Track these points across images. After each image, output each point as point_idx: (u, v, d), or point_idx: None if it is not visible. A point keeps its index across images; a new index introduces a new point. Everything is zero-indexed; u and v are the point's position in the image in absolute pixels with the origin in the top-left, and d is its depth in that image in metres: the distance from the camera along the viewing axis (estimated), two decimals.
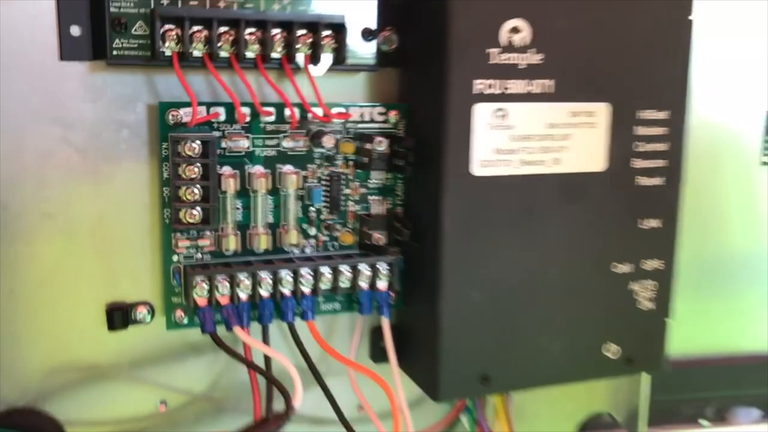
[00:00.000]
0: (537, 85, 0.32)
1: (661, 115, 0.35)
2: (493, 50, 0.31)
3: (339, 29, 0.32)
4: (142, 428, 0.35)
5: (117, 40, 0.30)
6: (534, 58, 0.32)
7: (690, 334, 0.54)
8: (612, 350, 0.36)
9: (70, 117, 0.31)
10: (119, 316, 0.33)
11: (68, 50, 0.30)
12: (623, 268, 0.36)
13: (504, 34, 0.31)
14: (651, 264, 0.36)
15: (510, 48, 0.31)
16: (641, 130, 0.35)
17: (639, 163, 0.35)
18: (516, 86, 0.32)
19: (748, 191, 0.51)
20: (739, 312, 0.54)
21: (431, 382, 0.34)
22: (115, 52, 0.30)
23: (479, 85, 0.31)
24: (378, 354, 0.37)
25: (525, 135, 0.32)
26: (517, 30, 0.31)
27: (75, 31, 0.30)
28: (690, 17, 0.35)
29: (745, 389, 0.56)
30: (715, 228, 0.51)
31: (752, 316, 0.54)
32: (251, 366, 0.33)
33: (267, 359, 0.33)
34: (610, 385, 0.44)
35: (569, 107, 0.33)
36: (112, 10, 0.29)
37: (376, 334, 0.37)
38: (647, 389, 0.44)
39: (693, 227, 0.51)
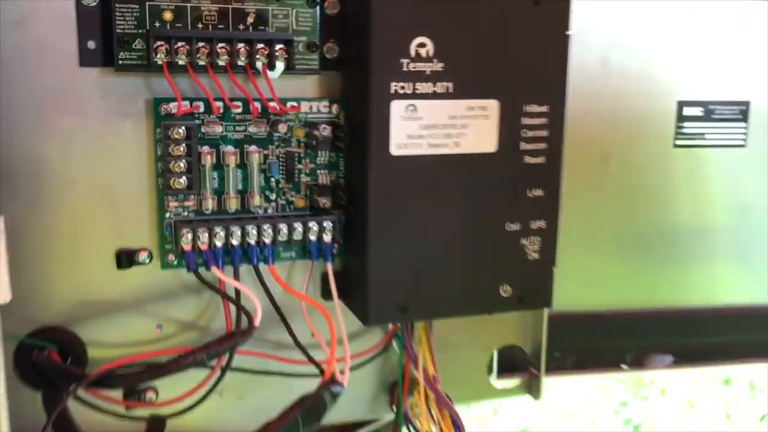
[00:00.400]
0: (440, 87, 0.42)
1: (543, 108, 0.44)
2: (405, 60, 0.41)
3: (289, 44, 0.42)
4: (143, 348, 0.46)
5: (122, 53, 0.40)
6: (437, 66, 0.41)
7: (614, 290, 0.63)
8: (506, 290, 0.47)
9: (88, 109, 0.42)
10: (125, 258, 0.43)
11: (86, 59, 0.41)
12: (514, 227, 0.46)
13: (413, 48, 0.41)
14: (536, 224, 0.46)
15: (418, 59, 0.41)
16: (526, 120, 0.44)
17: (525, 146, 0.45)
18: (423, 87, 0.41)
19: (665, 171, 0.61)
20: (656, 272, 0.62)
21: (363, 312, 0.45)
22: (120, 62, 0.40)
23: (395, 86, 0.41)
24: (326, 293, 0.47)
25: (431, 124, 0.42)
26: (423, 45, 0.41)
27: (91, 45, 0.40)
28: (567, 32, 0.45)
29: (660, 338, 0.64)
30: (638, 202, 0.60)
31: (666, 276, 0.63)
32: (225, 296, 0.43)
33: (237, 292, 0.43)
34: (520, 323, 0.55)
35: (466, 103, 0.43)
36: (117, 30, 0.40)
37: (324, 277, 0.47)
38: (545, 325, 0.54)
39: (622, 201, 0.61)
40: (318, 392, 0.41)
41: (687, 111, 0.60)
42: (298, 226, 0.44)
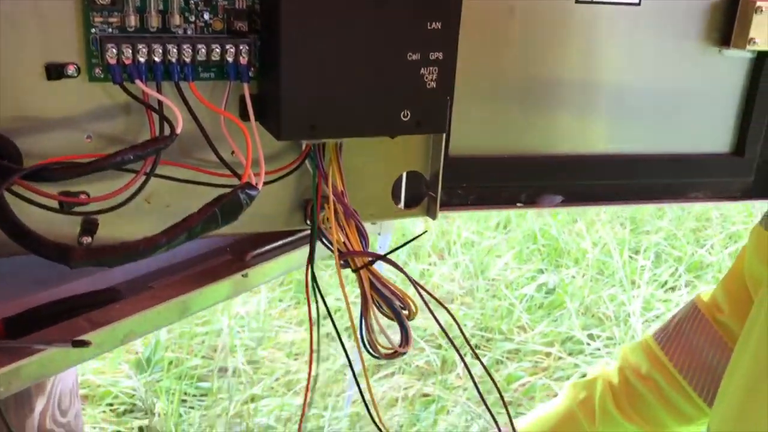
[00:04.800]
0: None
1: None
2: None
3: None
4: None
5: None
6: None
7: (513, 136, 0.69)
8: (406, 114, 0.52)
9: None
10: (54, 70, 0.47)
11: None
12: (414, 57, 0.51)
13: None
14: (434, 55, 0.51)
15: None
16: None
17: None
18: None
19: (567, 25, 0.66)
20: (551, 121, 0.68)
21: (276, 129, 0.50)
22: None
23: None
24: (244, 114, 0.52)
25: None
26: None
27: None
28: None
29: (552, 180, 0.71)
30: (539, 54, 0.65)
31: (560, 124, 0.69)
32: (148, 107, 0.48)
33: (159, 103, 0.48)
34: (421, 152, 0.61)
35: None
36: None
37: (242, 99, 0.52)
38: (441, 153, 0.60)
39: (524, 53, 0.66)
40: (234, 192, 0.47)
41: None
42: (216, 48, 0.48)
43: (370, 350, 0.56)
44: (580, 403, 0.71)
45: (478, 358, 0.60)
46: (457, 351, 0.59)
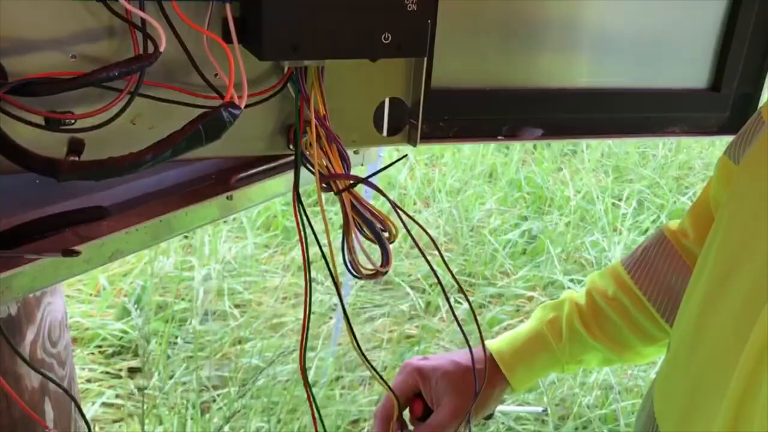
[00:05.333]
0: None
1: None
2: None
3: None
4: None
5: None
6: None
7: (495, 69, 0.70)
8: (387, 37, 0.53)
9: None
10: None
11: None
12: None
13: None
14: None
15: None
16: None
17: None
18: None
19: None
20: (532, 55, 0.69)
21: (258, 49, 0.51)
22: None
23: None
24: (227, 37, 0.53)
25: None
26: None
27: None
28: None
29: (532, 114, 0.72)
30: None
31: (540, 59, 0.70)
32: (132, 24, 0.48)
33: (143, 21, 0.48)
34: (402, 76, 0.61)
35: None
36: None
37: (225, 21, 0.52)
38: (423, 78, 0.61)
39: None
40: (217, 110, 0.48)
41: None
42: None
43: (352, 270, 0.58)
44: (548, 323, 0.73)
45: (463, 292, 0.63)
46: (443, 289, 0.61)
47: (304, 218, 0.56)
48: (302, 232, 0.56)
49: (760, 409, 0.41)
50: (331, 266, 0.56)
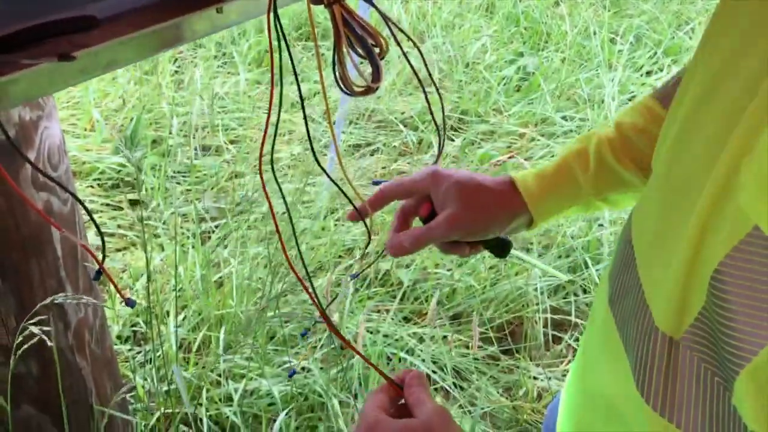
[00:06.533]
0: None
1: None
2: None
3: None
4: None
5: None
6: None
7: None
8: None
9: None
10: None
11: None
12: None
13: None
14: None
15: None
16: None
17: None
18: None
19: None
20: None
21: None
22: None
23: None
24: None
25: None
26: None
27: None
28: None
29: None
30: None
31: None
32: None
33: None
34: None
35: None
36: None
37: None
38: None
39: None
40: None
41: None
42: None
43: (343, 87, 0.59)
44: (574, 154, 0.70)
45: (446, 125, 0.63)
46: (435, 122, 0.62)
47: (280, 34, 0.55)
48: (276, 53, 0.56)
49: (723, 225, 0.40)
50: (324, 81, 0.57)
